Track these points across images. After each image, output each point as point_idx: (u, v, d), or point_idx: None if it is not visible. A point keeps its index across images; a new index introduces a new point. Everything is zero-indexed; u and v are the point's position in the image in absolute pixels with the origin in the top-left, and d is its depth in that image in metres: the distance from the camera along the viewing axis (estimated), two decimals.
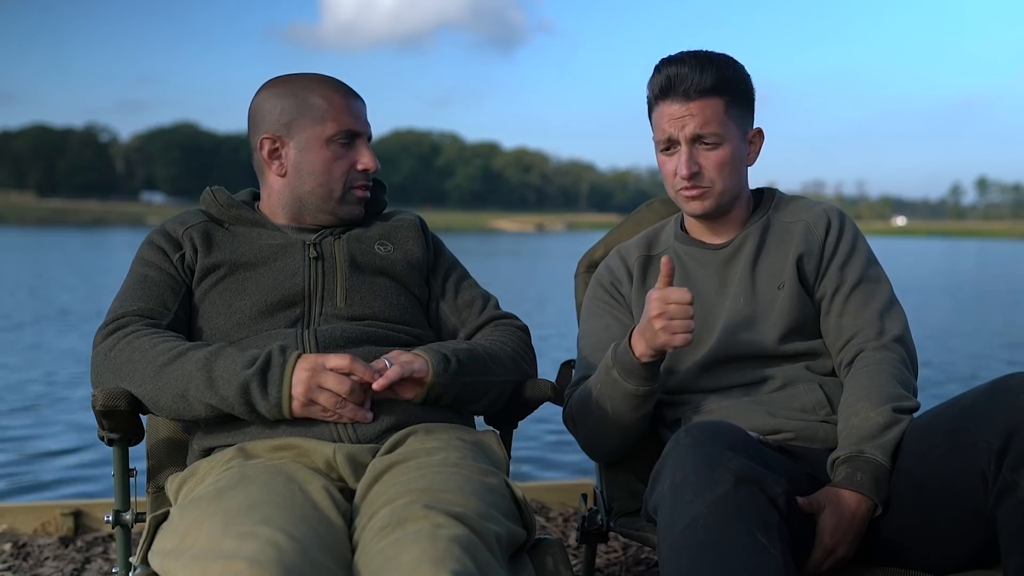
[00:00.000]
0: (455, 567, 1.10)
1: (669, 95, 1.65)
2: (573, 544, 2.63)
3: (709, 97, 1.63)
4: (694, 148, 1.66)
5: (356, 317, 1.61)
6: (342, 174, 1.67)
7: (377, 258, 1.69)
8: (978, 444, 1.33)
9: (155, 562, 1.28)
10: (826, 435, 1.60)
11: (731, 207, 1.74)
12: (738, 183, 1.71)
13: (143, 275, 1.63)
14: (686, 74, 1.63)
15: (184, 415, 1.47)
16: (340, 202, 1.69)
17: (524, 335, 1.75)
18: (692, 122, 1.64)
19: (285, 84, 1.69)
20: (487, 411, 1.68)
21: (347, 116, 1.67)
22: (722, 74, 1.64)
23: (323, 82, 1.69)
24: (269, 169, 1.69)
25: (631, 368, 1.58)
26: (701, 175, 1.67)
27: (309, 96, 1.66)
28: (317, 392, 1.41)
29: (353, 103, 1.69)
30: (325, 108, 1.65)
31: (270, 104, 1.67)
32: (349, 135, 1.67)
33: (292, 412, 1.42)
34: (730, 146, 1.66)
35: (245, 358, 1.44)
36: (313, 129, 1.65)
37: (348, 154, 1.68)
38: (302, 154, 1.66)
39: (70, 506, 2.75)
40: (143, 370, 1.46)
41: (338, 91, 1.68)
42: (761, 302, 1.70)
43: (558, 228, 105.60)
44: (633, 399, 1.61)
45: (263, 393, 1.41)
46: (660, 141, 1.69)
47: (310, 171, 1.66)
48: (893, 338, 1.64)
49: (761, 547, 1.22)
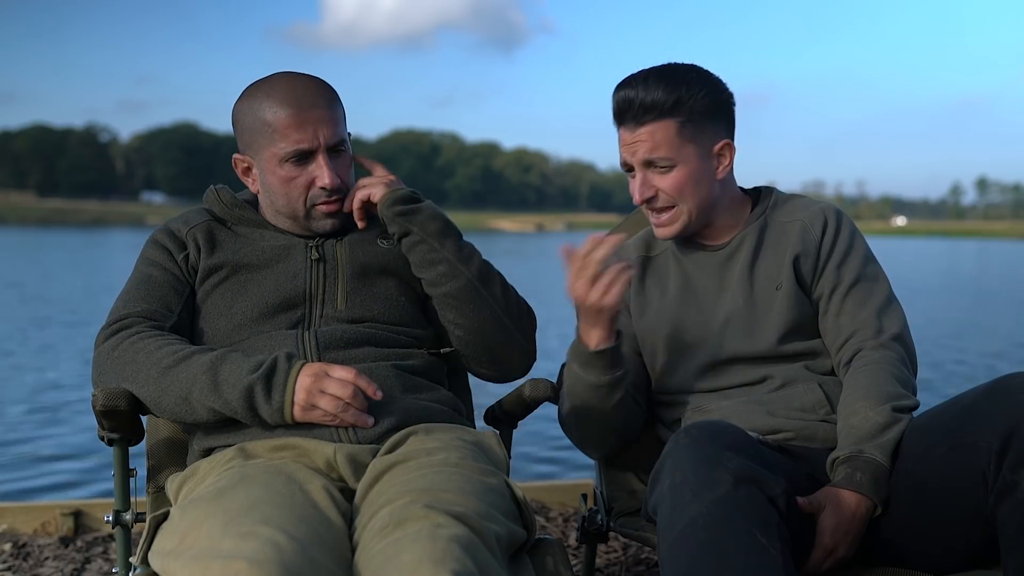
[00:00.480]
0: (455, 567, 1.11)
1: (623, 121, 1.66)
2: (573, 544, 2.63)
3: (658, 120, 1.62)
4: (647, 173, 1.66)
5: (356, 319, 1.61)
6: (299, 194, 1.60)
7: (380, 253, 1.68)
8: (978, 444, 1.33)
9: (155, 562, 1.28)
10: (826, 435, 1.60)
11: (708, 220, 1.73)
12: (706, 198, 1.69)
13: (147, 275, 1.62)
14: (633, 98, 1.62)
15: (186, 418, 1.47)
16: (307, 219, 1.64)
17: (531, 311, 1.73)
18: (641, 148, 1.64)
19: (247, 99, 1.62)
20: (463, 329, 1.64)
21: (297, 132, 1.55)
22: (671, 95, 1.61)
23: (275, 94, 1.57)
24: (251, 186, 1.69)
25: (588, 359, 1.59)
26: (657, 198, 1.67)
27: (261, 112, 1.58)
28: (319, 397, 1.41)
29: (306, 114, 1.56)
30: (274, 126, 1.56)
31: (237, 120, 1.64)
32: (300, 154, 1.57)
33: (293, 417, 1.42)
34: (686, 167, 1.64)
35: (251, 363, 1.44)
36: (268, 149, 1.59)
37: (304, 172, 1.59)
38: (264, 175, 1.63)
39: (70, 506, 2.75)
40: (147, 372, 1.46)
41: (287, 103, 1.56)
42: (759, 302, 1.70)
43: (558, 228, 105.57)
44: (597, 389, 1.62)
45: (267, 397, 1.41)
46: (622, 164, 1.70)
47: (274, 191, 1.63)
48: (891, 336, 1.64)
49: (761, 547, 1.22)
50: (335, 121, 1.60)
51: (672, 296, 1.76)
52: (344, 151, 1.64)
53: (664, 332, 1.74)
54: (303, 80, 1.61)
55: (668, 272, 1.79)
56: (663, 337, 1.74)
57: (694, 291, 1.75)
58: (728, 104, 1.70)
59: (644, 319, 1.78)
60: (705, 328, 1.71)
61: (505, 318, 1.65)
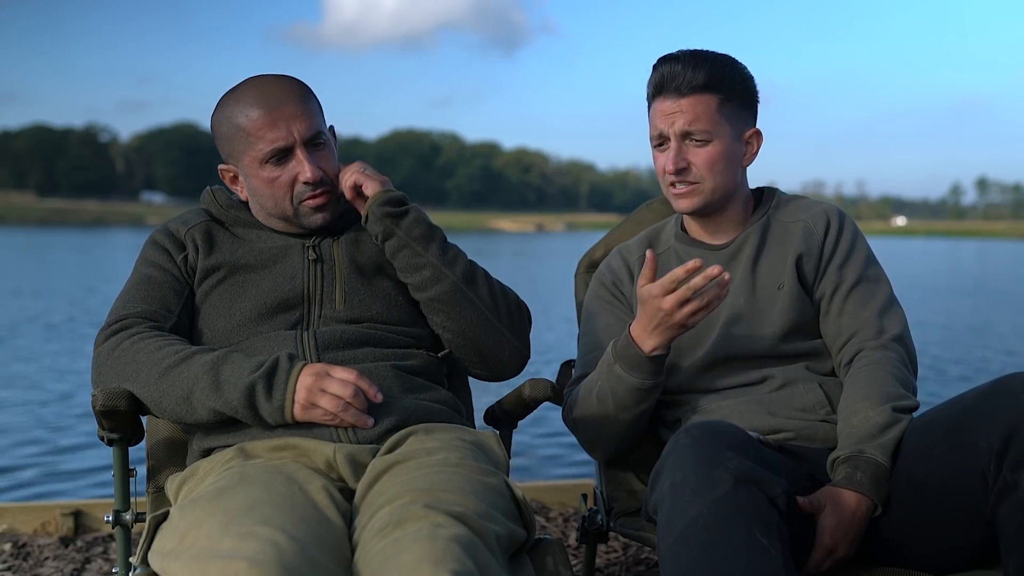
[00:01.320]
0: (455, 567, 1.11)
1: (663, 92, 1.66)
2: (573, 544, 2.63)
3: (701, 94, 1.64)
4: (683, 144, 1.67)
5: (354, 319, 1.61)
6: (285, 192, 1.61)
7: (376, 254, 1.68)
8: (978, 444, 1.33)
9: (155, 562, 1.28)
10: (826, 435, 1.60)
11: (724, 206, 1.73)
12: (730, 181, 1.70)
13: (147, 275, 1.63)
14: (679, 71, 1.64)
15: (187, 418, 1.47)
16: (296, 216, 1.65)
17: (522, 305, 1.73)
18: (681, 118, 1.64)
19: (221, 108, 1.63)
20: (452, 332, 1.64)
21: (271, 132, 1.56)
22: (716, 71, 1.64)
23: (245, 98, 1.59)
24: (240, 194, 1.70)
25: (637, 362, 1.59)
26: (689, 171, 1.67)
27: (235, 118, 1.59)
28: (320, 396, 1.41)
29: (278, 112, 1.57)
30: (248, 130, 1.57)
31: (216, 131, 1.64)
32: (278, 153, 1.58)
33: (294, 416, 1.42)
34: (721, 144, 1.66)
35: (252, 363, 1.44)
36: (248, 154, 1.60)
37: (286, 169, 1.60)
38: (249, 180, 1.64)
39: (70, 506, 2.75)
40: (147, 372, 1.47)
41: (257, 105, 1.57)
42: (761, 302, 1.70)
43: (558, 228, 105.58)
44: (639, 393, 1.61)
45: (268, 395, 1.42)
46: (653, 137, 1.70)
47: (260, 194, 1.63)
48: (892, 337, 1.64)
49: (761, 547, 1.22)
50: (309, 115, 1.60)
51: None
52: (323, 143, 1.63)
53: None
54: (271, 80, 1.61)
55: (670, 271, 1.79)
56: None
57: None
58: (756, 96, 1.74)
59: None
60: (706, 327, 1.71)
61: (494, 318, 1.65)
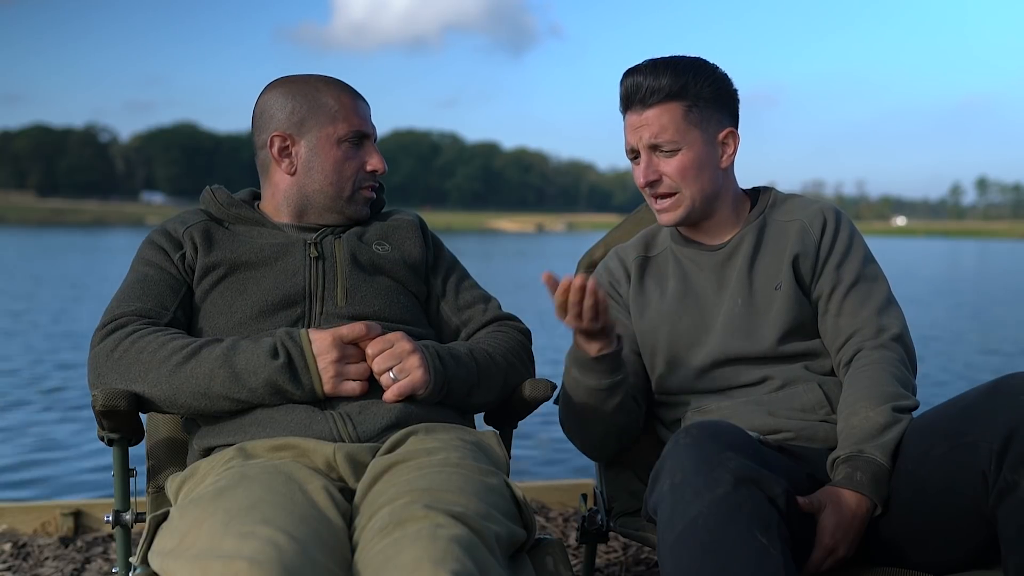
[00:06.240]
0: (455, 567, 1.10)
1: (630, 105, 1.68)
2: (573, 544, 2.63)
3: (666, 103, 1.65)
4: (653, 156, 1.68)
5: (356, 316, 1.61)
6: (352, 174, 1.70)
7: (376, 257, 1.69)
8: (978, 444, 1.33)
9: (155, 562, 1.28)
10: (826, 435, 1.60)
11: (711, 211, 1.73)
12: (708, 186, 1.70)
13: (143, 274, 1.63)
14: (641, 82, 1.65)
15: (204, 411, 1.49)
16: (348, 201, 1.71)
17: (525, 339, 1.76)
18: (647, 131, 1.65)
19: (295, 84, 1.71)
20: (479, 411, 1.71)
21: (357, 117, 1.70)
22: (678, 78, 1.64)
23: (333, 83, 1.72)
24: (278, 167, 1.70)
25: (588, 365, 1.60)
26: (662, 182, 1.68)
27: (320, 96, 1.69)
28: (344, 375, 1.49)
29: (361, 105, 1.73)
30: (337, 109, 1.68)
31: (280, 103, 1.69)
32: (359, 136, 1.70)
33: (325, 393, 1.48)
34: (691, 151, 1.66)
35: (263, 349, 1.47)
36: (325, 129, 1.68)
37: (358, 155, 1.70)
38: (313, 153, 1.68)
39: (70, 506, 2.75)
40: (156, 370, 1.47)
41: (347, 93, 1.71)
42: (759, 303, 1.70)
43: (558, 228, 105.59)
44: (598, 393, 1.62)
45: (295, 384, 1.46)
46: (628, 152, 1.72)
47: (321, 170, 1.68)
48: (891, 337, 1.64)
49: (761, 547, 1.22)
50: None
51: (671, 296, 1.76)
52: None
53: (663, 332, 1.74)
54: (343, 82, 1.75)
55: (667, 272, 1.79)
56: (662, 337, 1.74)
57: (693, 291, 1.75)
58: (733, 96, 1.72)
59: (643, 319, 1.78)
60: (704, 328, 1.71)
61: (513, 381, 1.69)
